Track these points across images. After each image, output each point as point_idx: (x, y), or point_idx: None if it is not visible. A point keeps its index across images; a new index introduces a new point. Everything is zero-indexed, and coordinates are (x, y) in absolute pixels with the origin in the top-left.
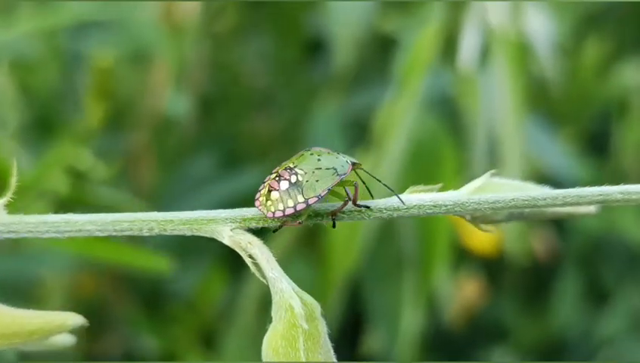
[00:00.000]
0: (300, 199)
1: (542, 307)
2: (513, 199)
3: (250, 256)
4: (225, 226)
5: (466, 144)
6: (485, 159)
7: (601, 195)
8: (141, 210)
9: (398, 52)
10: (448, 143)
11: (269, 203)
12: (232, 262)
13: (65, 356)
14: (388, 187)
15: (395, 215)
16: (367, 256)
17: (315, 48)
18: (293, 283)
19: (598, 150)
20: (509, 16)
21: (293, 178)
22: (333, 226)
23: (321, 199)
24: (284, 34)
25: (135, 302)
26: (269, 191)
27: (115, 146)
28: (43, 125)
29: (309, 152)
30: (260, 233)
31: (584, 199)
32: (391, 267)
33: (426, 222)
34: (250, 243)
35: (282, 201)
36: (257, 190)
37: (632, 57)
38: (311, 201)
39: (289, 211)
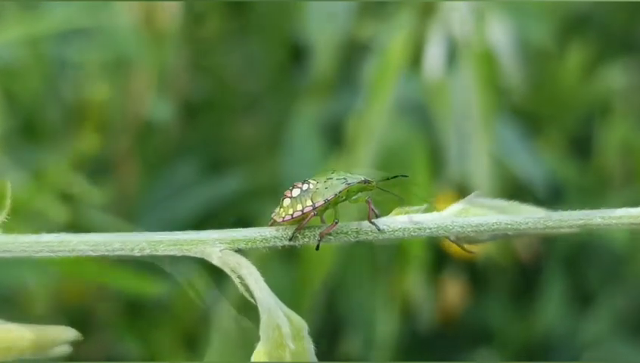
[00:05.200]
0: (308, 203)
1: (527, 309)
2: (496, 222)
3: (239, 277)
4: (215, 247)
5: (438, 150)
6: (457, 165)
7: (582, 219)
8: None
9: (369, 59)
10: (419, 148)
11: (281, 210)
12: (212, 266)
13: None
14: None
15: (380, 237)
16: (342, 260)
17: (300, 53)
18: (281, 303)
19: (582, 152)
20: (473, 25)
21: (305, 186)
22: (317, 248)
23: (328, 202)
24: (269, 39)
25: (117, 307)
26: (283, 199)
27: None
28: (27, 132)
29: (330, 171)
30: (249, 253)
31: (565, 223)
32: (366, 271)
33: None
34: (238, 263)
35: (292, 206)
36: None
37: (616, 59)
38: (317, 204)
39: (297, 214)
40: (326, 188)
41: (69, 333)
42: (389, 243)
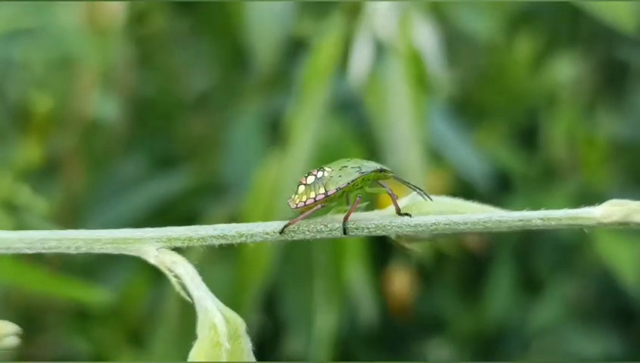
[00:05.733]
0: (321, 191)
1: (477, 298)
2: (435, 223)
3: (175, 275)
4: (151, 246)
5: (375, 147)
6: (394, 161)
7: (521, 220)
8: None
9: (303, 59)
10: (354, 146)
11: (296, 196)
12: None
13: None
14: (419, 190)
15: (318, 236)
16: (280, 258)
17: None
18: (218, 301)
19: (530, 143)
20: (397, 27)
21: (320, 174)
22: (345, 233)
23: (339, 191)
24: (219, 38)
25: (65, 306)
26: (298, 186)
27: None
28: None
29: (346, 159)
30: (186, 251)
31: (504, 224)
32: (304, 267)
33: None
34: (174, 262)
35: (306, 194)
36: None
37: (563, 52)
38: (330, 192)
39: (309, 201)
40: (340, 176)
41: (10, 328)
42: (332, 238)
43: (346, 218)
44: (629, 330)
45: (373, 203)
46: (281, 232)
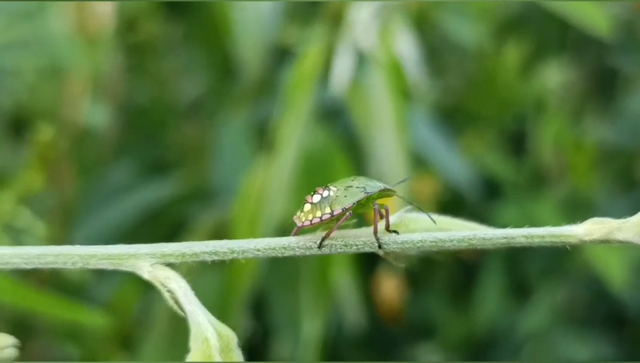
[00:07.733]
0: (327, 210)
1: (468, 303)
2: (421, 240)
3: (169, 290)
4: (145, 262)
5: (360, 154)
6: (378, 169)
7: (505, 238)
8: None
9: (288, 67)
10: (339, 154)
11: (302, 214)
12: None
13: None
14: (420, 209)
15: (307, 253)
16: (267, 263)
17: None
18: (210, 315)
19: (518, 149)
20: (378, 37)
21: (325, 193)
22: (319, 247)
23: (346, 211)
24: (209, 45)
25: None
26: (304, 204)
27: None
28: None
29: (351, 178)
30: (179, 267)
31: (488, 241)
32: (291, 272)
33: None
34: (167, 277)
35: (312, 212)
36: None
37: (552, 58)
38: (336, 212)
39: (315, 221)
40: (345, 196)
41: (8, 340)
42: (320, 255)
43: (327, 235)
44: (619, 334)
45: (361, 220)
46: (320, 247)
